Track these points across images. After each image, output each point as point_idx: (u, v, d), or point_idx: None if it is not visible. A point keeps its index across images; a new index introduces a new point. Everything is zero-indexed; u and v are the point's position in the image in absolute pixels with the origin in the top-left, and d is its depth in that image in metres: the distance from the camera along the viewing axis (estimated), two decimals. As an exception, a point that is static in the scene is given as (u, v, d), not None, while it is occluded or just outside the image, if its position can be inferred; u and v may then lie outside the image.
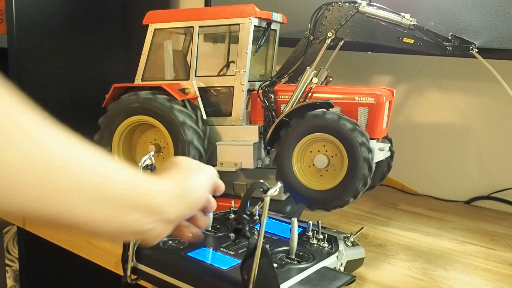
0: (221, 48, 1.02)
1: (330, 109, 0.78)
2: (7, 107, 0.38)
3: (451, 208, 1.07)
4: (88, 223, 0.43)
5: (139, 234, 0.49)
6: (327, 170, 0.78)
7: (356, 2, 0.85)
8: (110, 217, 0.44)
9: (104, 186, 0.44)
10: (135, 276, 0.68)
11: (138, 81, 0.90)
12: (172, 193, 0.51)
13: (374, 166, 0.75)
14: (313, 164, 0.79)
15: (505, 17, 0.86)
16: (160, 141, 0.85)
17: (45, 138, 0.40)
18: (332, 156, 0.78)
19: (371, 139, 0.78)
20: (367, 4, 0.85)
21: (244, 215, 0.57)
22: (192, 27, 0.86)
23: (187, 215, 0.55)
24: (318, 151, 0.79)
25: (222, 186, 0.62)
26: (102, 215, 0.43)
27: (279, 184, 0.56)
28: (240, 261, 0.57)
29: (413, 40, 0.83)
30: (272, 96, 0.85)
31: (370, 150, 0.74)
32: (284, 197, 0.88)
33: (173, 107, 0.80)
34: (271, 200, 0.55)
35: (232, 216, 0.78)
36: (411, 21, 0.84)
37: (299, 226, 0.67)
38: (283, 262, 0.63)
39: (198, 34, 0.86)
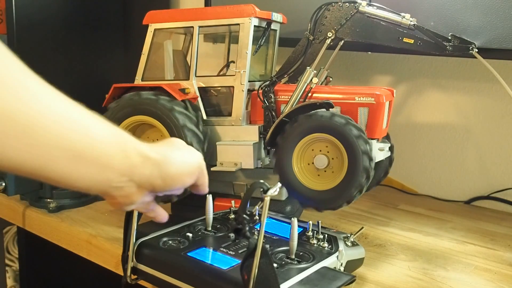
0: (221, 48, 1.02)
1: (331, 109, 0.78)
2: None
3: (451, 208, 1.07)
4: (65, 178, 0.44)
5: (108, 191, 0.50)
6: (326, 171, 0.78)
7: (356, 2, 0.85)
8: (86, 174, 0.45)
9: (85, 145, 0.44)
10: (135, 276, 0.68)
11: (138, 81, 0.90)
12: (149, 157, 0.51)
13: (372, 174, 0.75)
14: (313, 164, 0.79)
15: (505, 17, 0.86)
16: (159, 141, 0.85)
17: (33, 92, 0.41)
18: (332, 158, 0.78)
19: (371, 139, 0.78)
20: (367, 4, 0.85)
21: (244, 215, 0.57)
22: (192, 27, 0.86)
23: (158, 187, 0.53)
24: (319, 151, 0.79)
25: (206, 181, 0.61)
26: (79, 172, 0.45)
27: (279, 184, 0.56)
28: (240, 261, 0.57)
29: (413, 40, 0.83)
30: (272, 96, 0.85)
31: (371, 159, 0.74)
32: (284, 197, 0.88)
33: (174, 109, 0.80)
34: (271, 200, 0.55)
35: (232, 216, 0.78)
36: (411, 21, 0.84)
37: (299, 226, 0.67)
38: (283, 262, 0.63)
39: (198, 34, 0.86)
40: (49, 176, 0.43)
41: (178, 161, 0.55)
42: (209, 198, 0.74)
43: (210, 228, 0.74)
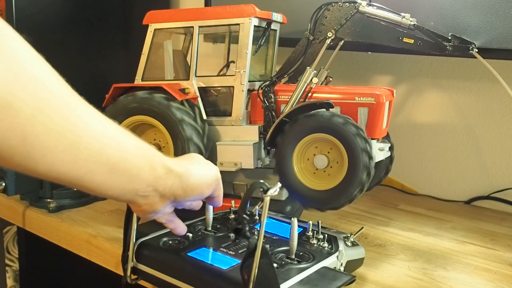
0: (221, 48, 1.02)
1: (331, 109, 0.78)
2: (51, 81, 0.44)
3: (451, 208, 1.07)
4: (99, 187, 0.50)
5: (134, 200, 0.55)
6: (327, 170, 0.78)
7: (356, 2, 0.85)
8: (117, 184, 0.51)
9: (119, 159, 0.50)
10: (135, 276, 0.68)
11: (138, 81, 0.90)
12: (172, 170, 0.56)
13: (373, 172, 0.75)
14: (313, 165, 0.79)
15: (505, 17, 0.86)
16: (160, 140, 0.85)
17: (78, 113, 0.46)
18: (332, 157, 0.78)
19: (371, 139, 0.78)
20: (367, 4, 0.85)
21: (244, 215, 0.57)
22: (192, 27, 0.86)
23: (179, 197, 0.59)
24: (319, 151, 0.79)
25: (221, 193, 0.67)
26: (114, 183, 0.50)
27: (279, 184, 0.56)
28: (240, 261, 0.57)
29: (413, 40, 0.83)
30: (272, 96, 0.85)
31: (371, 157, 0.74)
32: (284, 197, 0.88)
33: (170, 105, 0.80)
34: (271, 200, 0.55)
35: (232, 216, 0.78)
36: (411, 21, 0.84)
37: (299, 226, 0.67)
38: (283, 262, 0.63)
39: (198, 34, 0.86)
40: (86, 186, 0.48)
41: (198, 174, 0.61)
42: (209, 198, 0.74)
43: (210, 228, 0.74)
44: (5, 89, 0.39)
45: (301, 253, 0.66)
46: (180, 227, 0.67)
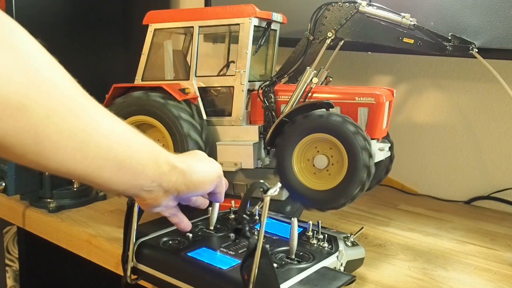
0: (221, 48, 1.02)
1: (330, 109, 0.78)
2: (64, 83, 0.46)
3: (451, 208, 1.07)
4: (106, 183, 0.52)
5: (139, 194, 0.58)
6: (327, 170, 0.78)
7: (356, 2, 0.85)
8: (123, 179, 0.53)
9: (126, 156, 0.52)
10: (135, 276, 0.68)
11: (138, 81, 0.90)
12: (176, 166, 0.59)
13: (373, 171, 0.75)
14: (313, 165, 0.79)
15: (505, 17, 0.86)
16: (158, 140, 0.85)
17: (90, 113, 0.48)
18: (332, 157, 0.78)
19: (371, 139, 0.78)
20: (367, 4, 0.85)
21: (244, 215, 0.57)
22: (192, 27, 0.86)
23: (182, 192, 0.61)
24: (318, 151, 0.79)
25: (223, 190, 0.69)
26: (120, 178, 0.52)
27: (279, 184, 0.56)
28: (240, 261, 0.57)
29: (413, 40, 0.83)
30: (272, 96, 0.85)
31: (371, 156, 0.74)
32: (284, 197, 0.88)
33: (167, 103, 0.80)
34: (271, 200, 0.55)
35: (232, 216, 0.78)
36: (411, 21, 0.84)
37: (299, 226, 0.67)
38: (283, 262, 0.63)
39: (198, 34, 0.86)
40: (94, 181, 0.50)
41: (200, 171, 0.63)
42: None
43: (212, 228, 0.74)
44: (20, 92, 0.41)
45: (301, 253, 0.66)
46: (184, 222, 0.69)
